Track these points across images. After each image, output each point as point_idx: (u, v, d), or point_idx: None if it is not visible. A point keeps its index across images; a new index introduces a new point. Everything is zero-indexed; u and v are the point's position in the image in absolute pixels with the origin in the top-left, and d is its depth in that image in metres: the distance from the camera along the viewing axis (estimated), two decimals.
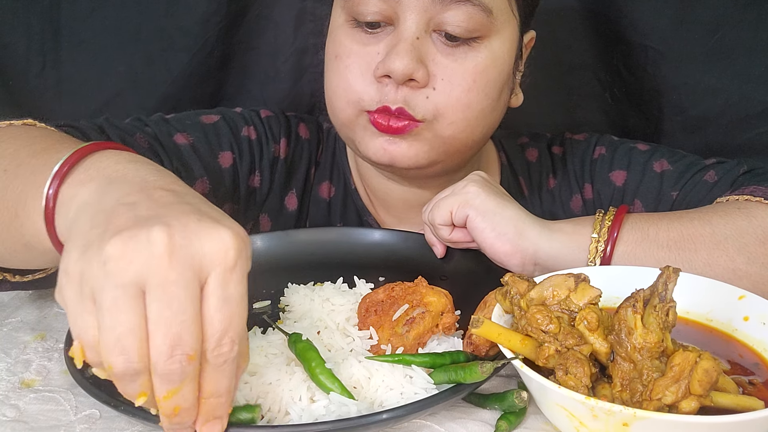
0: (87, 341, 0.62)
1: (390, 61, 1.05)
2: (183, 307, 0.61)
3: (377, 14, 1.07)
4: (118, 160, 0.75)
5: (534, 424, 0.79)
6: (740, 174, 1.17)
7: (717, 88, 1.46)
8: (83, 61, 1.49)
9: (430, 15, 1.06)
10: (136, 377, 0.62)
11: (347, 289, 1.01)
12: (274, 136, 1.29)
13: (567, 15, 1.53)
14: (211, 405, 0.66)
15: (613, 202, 1.29)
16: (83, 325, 0.62)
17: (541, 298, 0.77)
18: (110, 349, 0.60)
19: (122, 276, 0.60)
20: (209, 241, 0.62)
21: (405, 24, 1.06)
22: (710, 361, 0.66)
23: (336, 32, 1.14)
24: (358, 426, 0.72)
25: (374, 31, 1.09)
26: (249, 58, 1.56)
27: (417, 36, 1.06)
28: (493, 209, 1.00)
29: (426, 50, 1.07)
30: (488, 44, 1.09)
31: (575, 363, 0.70)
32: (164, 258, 0.60)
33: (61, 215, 0.73)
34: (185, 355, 0.61)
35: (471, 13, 1.05)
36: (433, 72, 1.08)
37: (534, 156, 1.38)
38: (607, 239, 0.97)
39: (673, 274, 0.71)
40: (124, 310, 0.60)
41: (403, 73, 1.04)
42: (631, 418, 0.64)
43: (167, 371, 0.61)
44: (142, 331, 0.60)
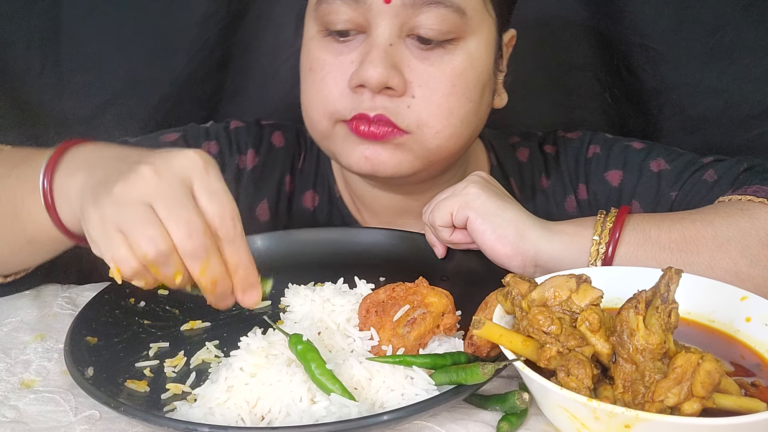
0: (120, 258, 0.78)
1: (363, 70, 1.03)
2: (183, 202, 0.79)
3: (348, 22, 1.06)
4: (93, 149, 0.94)
5: (535, 425, 0.79)
6: (740, 172, 1.15)
7: (717, 89, 1.45)
8: (83, 60, 1.49)
9: (402, 20, 1.04)
10: (167, 259, 0.78)
11: (348, 290, 1.01)
12: (239, 147, 1.29)
13: (567, 15, 1.53)
14: (241, 276, 0.84)
15: (610, 202, 1.27)
16: (115, 248, 0.78)
17: (543, 299, 0.77)
18: (140, 245, 0.77)
19: (131, 200, 0.78)
20: (182, 159, 0.81)
21: (377, 31, 1.05)
22: (713, 363, 0.66)
23: (308, 44, 1.13)
24: (359, 427, 0.72)
25: (346, 39, 1.08)
26: (249, 58, 1.56)
27: (390, 42, 1.05)
28: (494, 211, 1.00)
29: (401, 56, 1.06)
30: (464, 45, 1.08)
31: (577, 364, 0.70)
32: (154, 179, 0.79)
33: (62, 204, 0.90)
34: (199, 231, 0.78)
35: (444, 15, 1.04)
36: (410, 79, 1.06)
37: (525, 156, 1.36)
38: (608, 241, 0.97)
39: (675, 276, 0.70)
40: (141, 217, 0.77)
41: (378, 81, 1.03)
42: (633, 420, 0.64)
43: (192, 248, 0.78)
44: (159, 224, 0.77)
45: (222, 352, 0.92)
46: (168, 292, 1.04)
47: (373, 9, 1.04)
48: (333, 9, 1.06)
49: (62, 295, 1.11)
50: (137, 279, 0.81)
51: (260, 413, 0.78)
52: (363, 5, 1.04)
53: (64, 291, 1.12)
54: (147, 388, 0.85)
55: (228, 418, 0.77)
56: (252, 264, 0.85)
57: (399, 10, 1.03)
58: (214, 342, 0.94)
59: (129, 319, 0.98)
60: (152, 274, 0.80)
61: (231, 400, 0.78)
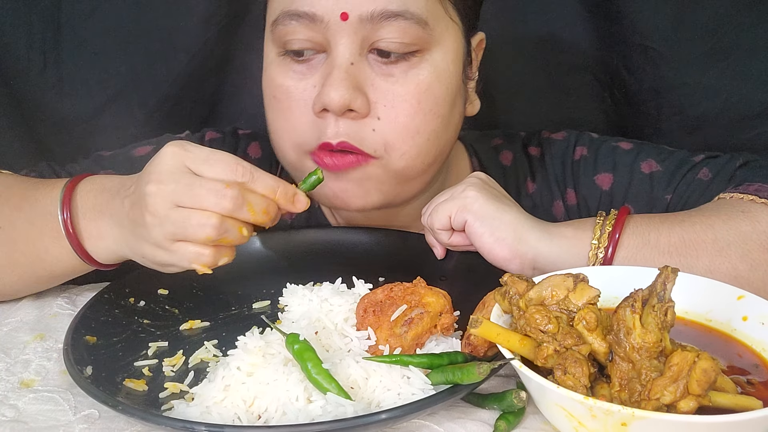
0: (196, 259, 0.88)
1: (325, 94, 1.00)
2: (192, 185, 0.85)
3: (306, 41, 1.03)
4: (93, 190, 1.00)
5: (533, 424, 0.79)
6: (737, 168, 1.13)
7: (716, 89, 1.45)
8: (84, 60, 1.49)
9: (361, 36, 1.01)
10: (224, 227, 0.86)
11: (346, 290, 1.01)
12: None
13: (567, 15, 1.53)
14: (280, 195, 0.90)
15: (601, 207, 1.22)
16: (186, 255, 0.88)
17: (540, 298, 0.77)
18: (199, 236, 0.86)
19: (163, 215, 0.86)
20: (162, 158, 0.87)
21: (337, 50, 1.01)
22: (708, 361, 0.66)
23: (269, 69, 1.09)
24: (357, 426, 0.72)
25: (305, 59, 1.04)
26: (249, 58, 1.55)
27: (351, 61, 1.01)
28: (492, 214, 0.99)
29: (363, 75, 1.03)
30: (429, 58, 1.04)
31: (574, 363, 0.70)
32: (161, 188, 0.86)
33: (96, 250, 0.99)
34: (221, 190, 0.85)
35: (404, 27, 1.00)
36: (374, 99, 1.03)
37: (508, 159, 1.32)
38: (607, 245, 0.96)
39: (671, 274, 0.71)
40: (180, 218, 0.85)
41: (340, 104, 1.00)
42: (630, 418, 0.64)
43: (230, 205, 0.85)
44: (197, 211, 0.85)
45: (220, 352, 0.92)
46: (167, 291, 1.05)
47: (330, 27, 1.00)
48: (290, 30, 1.02)
49: (62, 295, 1.11)
50: (222, 259, 0.90)
51: (257, 412, 0.78)
52: (320, 24, 1.00)
53: (64, 291, 1.12)
54: (145, 387, 0.85)
55: (225, 417, 0.77)
56: (280, 182, 0.90)
57: (357, 26, 1.00)
58: (212, 341, 0.94)
59: (128, 318, 0.98)
60: (225, 246, 0.89)
61: (228, 399, 0.79)
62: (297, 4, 1.01)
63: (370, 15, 0.99)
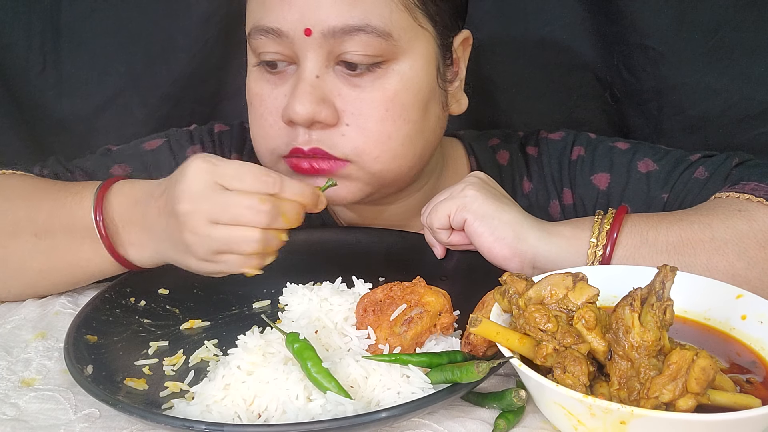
0: (243, 265, 0.92)
1: (290, 108, 1.02)
2: (226, 201, 0.88)
3: (277, 54, 1.05)
4: (127, 206, 1.02)
5: (532, 422, 0.79)
6: (733, 167, 1.13)
7: (717, 89, 1.45)
8: (84, 60, 1.49)
9: (327, 50, 1.02)
10: (266, 238, 0.89)
11: (346, 289, 1.01)
12: (223, 150, 1.30)
13: (567, 15, 1.53)
14: (306, 200, 0.92)
15: (598, 207, 1.22)
16: (233, 263, 0.92)
17: (540, 297, 0.78)
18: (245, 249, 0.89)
19: (202, 234, 0.89)
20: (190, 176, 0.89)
21: (303, 63, 1.03)
22: (707, 359, 0.66)
23: (249, 76, 1.12)
24: (358, 424, 0.72)
25: (278, 71, 1.07)
26: None
27: (317, 74, 1.03)
28: (491, 213, 0.99)
29: (330, 87, 1.04)
30: (395, 68, 1.05)
31: (573, 361, 0.70)
32: (194, 208, 0.88)
33: (138, 256, 1.03)
34: (255, 203, 0.88)
35: (367, 41, 1.01)
36: (342, 107, 1.04)
37: (505, 159, 1.32)
38: (605, 244, 0.96)
39: (670, 273, 0.71)
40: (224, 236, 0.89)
41: (305, 118, 1.02)
42: (629, 416, 0.64)
43: (266, 218, 0.88)
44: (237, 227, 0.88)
45: (221, 351, 0.92)
46: (168, 291, 1.05)
47: (296, 42, 1.02)
48: (261, 44, 1.05)
49: (64, 294, 1.11)
50: (268, 259, 0.94)
51: (257, 411, 0.78)
52: (286, 39, 1.02)
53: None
54: (146, 386, 0.85)
55: (225, 416, 0.77)
56: (304, 185, 0.93)
57: (321, 41, 1.01)
58: (213, 341, 0.94)
59: (129, 318, 0.99)
60: (268, 252, 0.92)
61: (228, 398, 0.79)
62: (264, 21, 1.04)
63: (332, 30, 1.00)
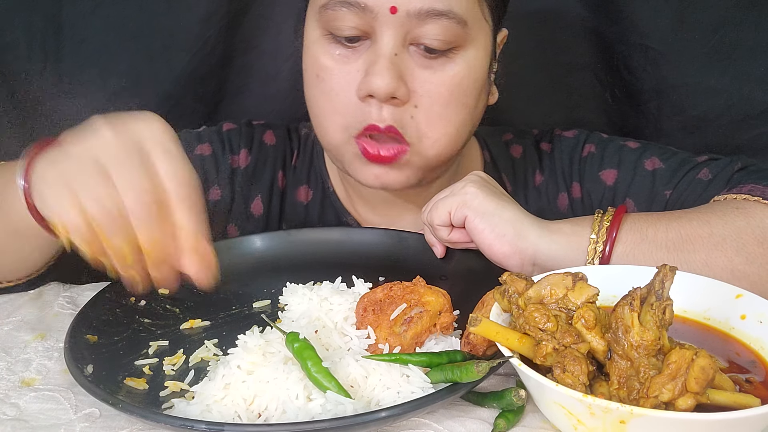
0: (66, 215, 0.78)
1: (371, 81, 1.05)
2: (135, 164, 0.79)
3: (354, 29, 1.06)
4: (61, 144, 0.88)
5: (532, 422, 0.79)
6: (735, 171, 1.16)
7: (717, 89, 1.46)
8: (85, 59, 1.49)
9: (406, 29, 1.05)
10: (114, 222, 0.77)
11: (346, 289, 1.01)
12: (232, 148, 1.32)
13: (567, 15, 1.53)
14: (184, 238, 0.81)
15: (604, 201, 1.28)
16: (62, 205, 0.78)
17: (539, 297, 0.78)
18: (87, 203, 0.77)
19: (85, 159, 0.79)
20: (141, 122, 0.83)
21: (383, 40, 1.06)
22: (706, 359, 0.66)
23: (313, 48, 1.13)
24: (358, 424, 0.72)
25: (353, 45, 1.09)
26: (250, 57, 1.56)
27: (395, 52, 1.06)
28: (492, 210, 1.00)
29: (405, 65, 1.07)
30: (464, 54, 1.09)
31: (573, 361, 0.70)
32: (111, 139, 0.80)
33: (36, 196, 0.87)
34: (148, 193, 0.78)
35: (447, 26, 1.05)
36: (413, 87, 1.08)
37: (518, 152, 1.38)
38: (605, 240, 0.97)
39: (669, 273, 0.71)
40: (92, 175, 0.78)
41: (386, 91, 1.04)
42: (628, 416, 0.64)
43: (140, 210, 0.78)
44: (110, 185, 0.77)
45: (221, 351, 0.92)
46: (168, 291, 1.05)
47: (379, 18, 1.04)
48: (339, 16, 1.06)
49: (63, 295, 1.11)
50: (85, 245, 0.79)
51: (257, 410, 0.78)
52: (369, 14, 1.04)
53: (65, 291, 1.13)
54: (146, 385, 0.85)
55: (225, 415, 0.77)
56: (200, 231, 0.83)
57: (404, 20, 1.04)
58: (213, 340, 0.94)
59: (129, 317, 0.99)
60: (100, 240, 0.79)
61: (228, 398, 0.79)
62: None
63: (417, 12, 1.04)
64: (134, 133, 0.81)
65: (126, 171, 0.78)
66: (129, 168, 0.79)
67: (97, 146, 0.80)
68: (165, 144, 0.82)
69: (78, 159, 0.80)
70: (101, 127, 0.81)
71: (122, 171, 0.78)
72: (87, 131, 0.82)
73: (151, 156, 0.80)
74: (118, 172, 0.78)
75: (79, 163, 0.79)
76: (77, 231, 0.78)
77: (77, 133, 0.84)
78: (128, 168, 0.79)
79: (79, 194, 0.78)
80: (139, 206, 0.78)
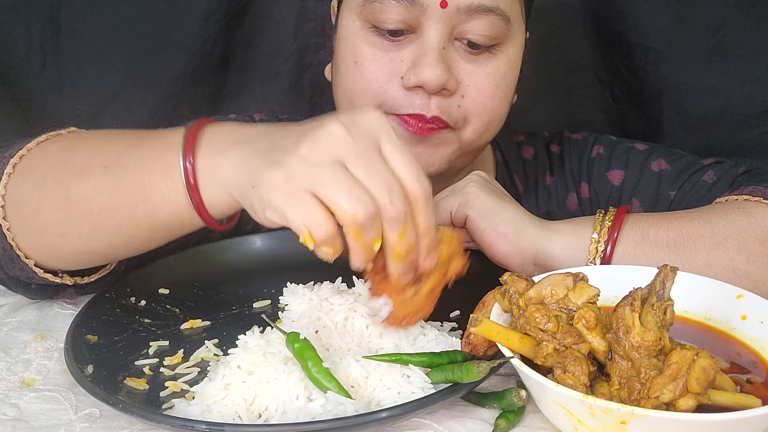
0: (316, 223, 0.74)
1: (422, 72, 1.06)
2: (379, 164, 0.75)
3: (400, 22, 1.08)
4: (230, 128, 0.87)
5: (533, 422, 0.79)
6: (739, 174, 1.17)
7: (717, 89, 1.46)
8: (84, 58, 1.49)
9: (453, 24, 1.07)
10: (373, 222, 0.75)
11: (346, 289, 1.01)
12: None
13: (567, 15, 1.53)
14: (428, 240, 0.81)
15: (611, 201, 1.30)
16: (309, 211, 0.74)
17: (540, 297, 0.78)
18: (346, 208, 0.73)
19: (324, 160, 0.74)
20: (368, 116, 0.78)
21: (429, 33, 1.07)
22: (707, 359, 0.66)
23: (353, 38, 1.13)
24: (358, 424, 0.72)
25: (397, 39, 1.10)
26: (249, 57, 1.57)
27: (443, 45, 1.07)
28: (493, 210, 1.00)
29: (451, 58, 1.09)
30: (505, 50, 1.12)
31: (573, 361, 0.70)
32: (347, 137, 0.75)
33: (207, 186, 0.84)
34: (400, 195, 0.75)
35: (494, 23, 1.07)
36: (460, 79, 1.10)
37: (530, 154, 1.40)
38: (607, 240, 0.97)
39: (670, 273, 0.71)
40: (342, 177, 0.73)
41: (437, 83, 1.06)
42: (629, 416, 0.64)
43: (394, 213, 0.75)
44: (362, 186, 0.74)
45: (221, 351, 0.92)
46: (168, 291, 1.05)
47: (427, 11, 1.06)
48: (386, 8, 1.07)
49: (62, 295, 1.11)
50: (329, 245, 0.76)
51: (257, 411, 0.78)
52: (418, 7, 1.06)
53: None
54: (146, 386, 0.85)
55: (225, 416, 0.77)
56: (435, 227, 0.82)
57: (453, 14, 1.06)
58: (213, 341, 0.94)
59: (129, 317, 0.99)
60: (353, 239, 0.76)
61: (228, 398, 0.78)
62: None
63: (467, 7, 1.06)
64: (367, 130, 0.77)
65: (372, 173, 0.74)
66: (374, 170, 0.75)
67: (333, 145, 0.75)
68: (395, 141, 0.78)
69: (316, 161, 0.74)
70: (330, 123, 0.76)
71: (368, 173, 0.74)
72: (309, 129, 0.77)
73: (385, 155, 0.77)
74: (365, 175, 0.74)
75: (319, 165, 0.74)
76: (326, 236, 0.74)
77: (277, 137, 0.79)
78: (373, 170, 0.75)
79: (332, 200, 0.73)
80: (393, 209, 0.75)
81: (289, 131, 0.79)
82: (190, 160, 0.83)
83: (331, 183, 0.73)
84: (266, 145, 0.79)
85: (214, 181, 0.83)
